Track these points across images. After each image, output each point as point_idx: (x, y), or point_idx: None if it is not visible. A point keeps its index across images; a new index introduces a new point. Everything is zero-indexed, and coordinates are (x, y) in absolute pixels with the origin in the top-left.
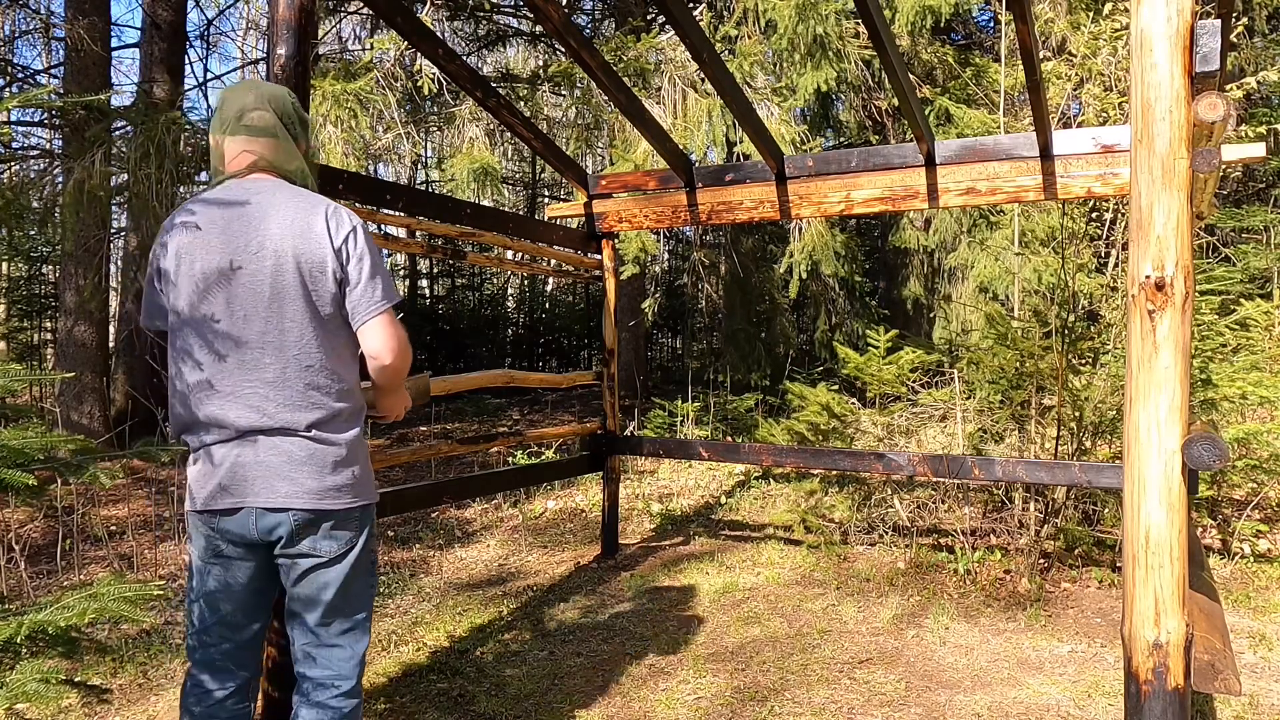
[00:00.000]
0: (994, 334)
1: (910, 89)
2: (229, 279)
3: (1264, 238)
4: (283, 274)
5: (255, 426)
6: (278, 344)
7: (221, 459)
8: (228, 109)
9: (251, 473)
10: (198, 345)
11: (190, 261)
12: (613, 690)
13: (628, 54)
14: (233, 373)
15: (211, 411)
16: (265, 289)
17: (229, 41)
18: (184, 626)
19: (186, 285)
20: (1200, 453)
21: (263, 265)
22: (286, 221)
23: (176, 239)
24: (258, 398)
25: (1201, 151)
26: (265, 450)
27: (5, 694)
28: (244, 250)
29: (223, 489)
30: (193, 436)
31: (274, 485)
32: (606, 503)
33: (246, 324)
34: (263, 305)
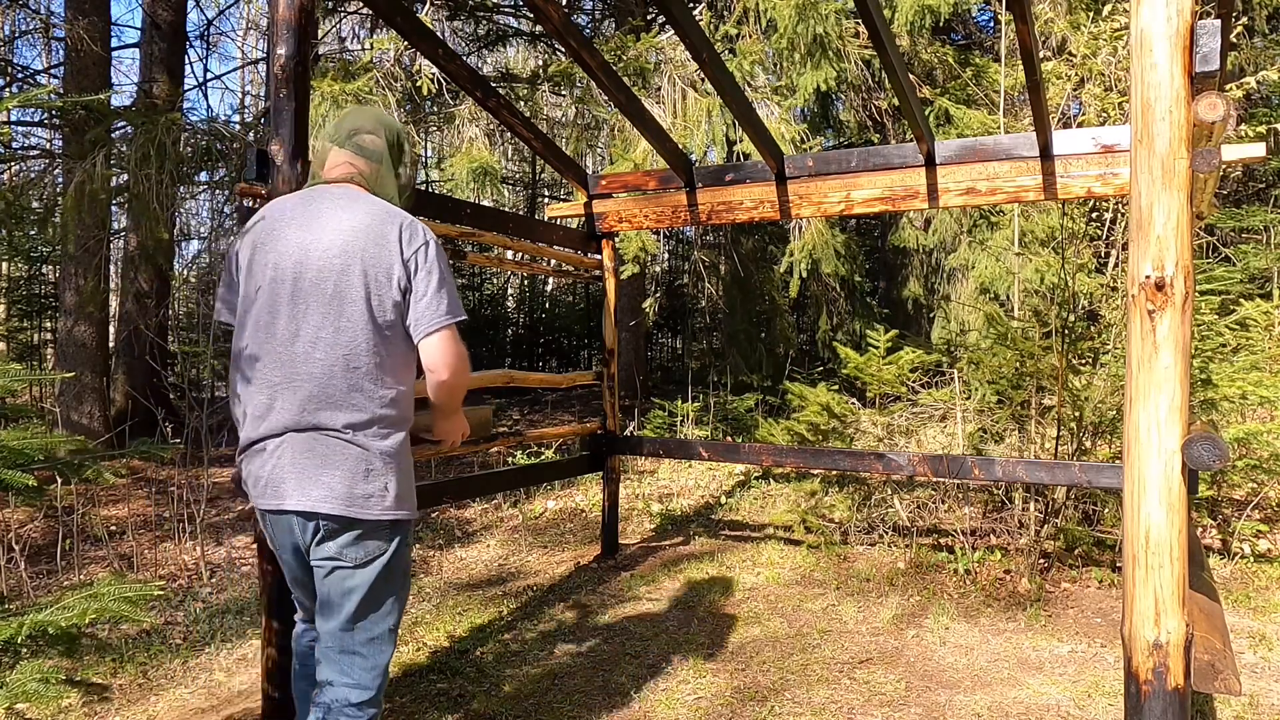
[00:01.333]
0: (994, 334)
1: (910, 89)
2: (297, 273)
3: (1264, 238)
4: (348, 275)
5: (294, 423)
6: (330, 341)
7: (266, 457)
8: (345, 125)
9: (287, 473)
10: (257, 335)
11: (265, 251)
12: (613, 690)
13: (627, 54)
14: (283, 365)
15: (261, 403)
16: (329, 287)
17: (229, 41)
18: (197, 621)
19: (258, 274)
20: (1200, 453)
21: (330, 264)
22: (361, 226)
23: (257, 231)
24: (302, 392)
25: (1201, 151)
26: (300, 448)
27: (6, 694)
28: (316, 246)
29: (267, 487)
30: (242, 430)
31: (306, 489)
32: (606, 503)
33: (304, 318)
34: (323, 302)
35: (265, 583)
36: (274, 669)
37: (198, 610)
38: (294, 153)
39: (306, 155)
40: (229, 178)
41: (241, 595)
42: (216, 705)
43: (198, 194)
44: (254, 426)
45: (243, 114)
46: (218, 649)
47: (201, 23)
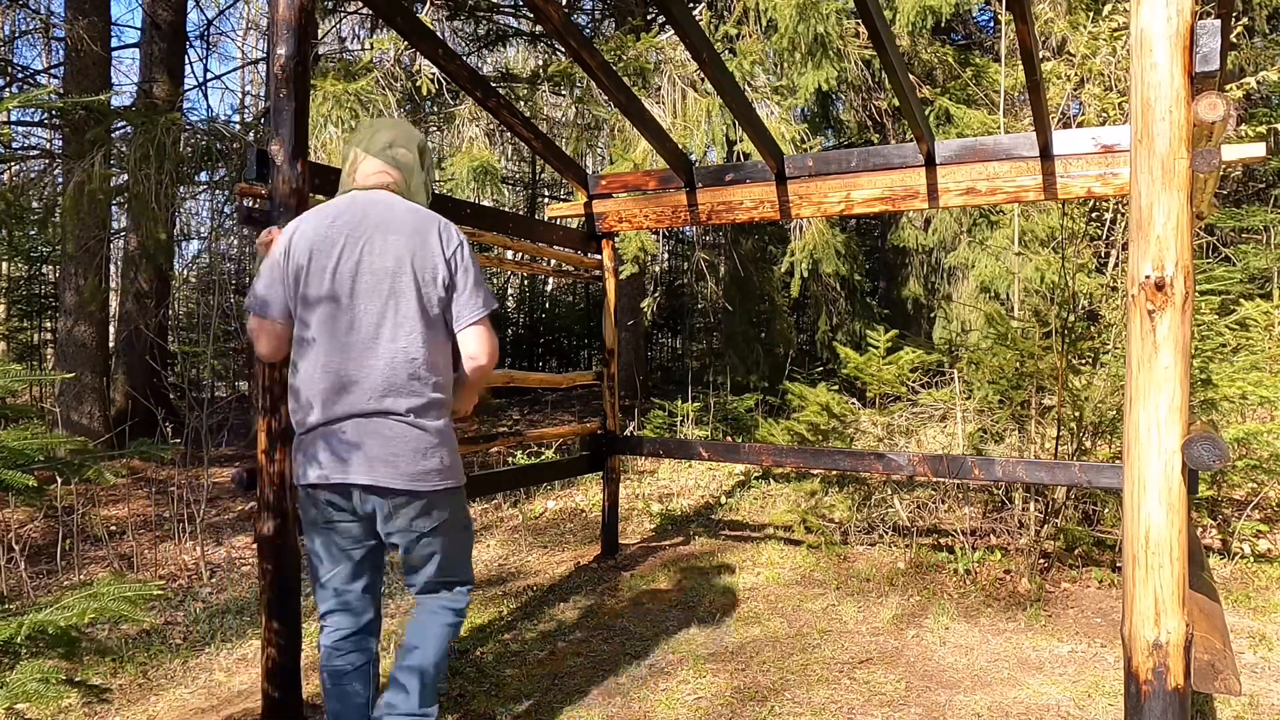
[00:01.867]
0: (994, 334)
1: (910, 89)
2: (355, 275)
3: (1264, 238)
4: (401, 275)
5: (362, 409)
6: (390, 336)
7: (330, 438)
8: (379, 137)
9: (355, 453)
10: (323, 332)
11: (322, 256)
12: (613, 690)
13: (627, 53)
14: (349, 359)
15: (327, 394)
16: (385, 287)
17: (229, 41)
18: (197, 621)
19: (319, 278)
20: (1200, 453)
21: (385, 265)
22: (407, 229)
23: (310, 235)
24: (368, 384)
25: (1201, 151)
26: (369, 432)
27: (5, 694)
28: (370, 250)
29: (334, 463)
30: (306, 416)
31: (375, 467)
32: (606, 503)
33: (365, 316)
34: (381, 301)
35: (265, 583)
36: (274, 669)
37: (198, 610)
38: (294, 153)
39: (307, 155)
40: (229, 178)
41: (241, 595)
42: (216, 705)
43: (198, 194)
44: (325, 411)
45: (243, 114)
46: (218, 649)
47: (201, 23)
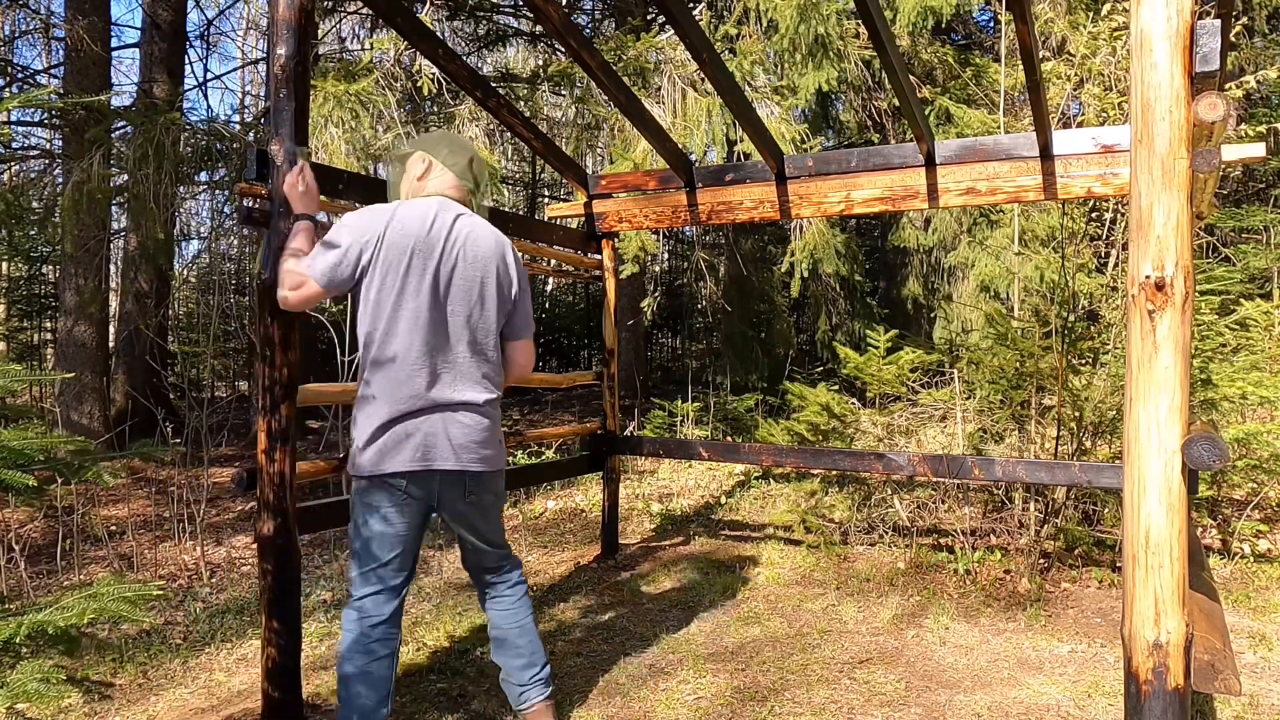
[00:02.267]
0: (994, 334)
1: (910, 89)
2: (449, 280)
3: (1264, 238)
4: (487, 285)
5: (448, 400)
6: (472, 338)
7: (415, 428)
8: (460, 156)
9: (441, 440)
10: (414, 326)
11: (424, 256)
12: (613, 690)
13: (627, 53)
14: (437, 355)
15: (414, 386)
16: (475, 294)
17: (229, 41)
18: (197, 621)
19: (419, 276)
20: (1200, 453)
21: (474, 275)
22: (492, 245)
23: (412, 233)
24: (449, 377)
25: (1201, 151)
26: (453, 421)
27: (6, 693)
28: (463, 259)
29: (418, 451)
30: (393, 406)
31: (459, 453)
32: (606, 503)
33: (455, 318)
34: (469, 305)
35: (265, 583)
36: (274, 669)
37: (198, 610)
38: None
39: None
40: (229, 178)
41: (241, 595)
42: (216, 705)
43: (198, 194)
44: (412, 402)
45: (243, 114)
46: (218, 649)
47: (201, 23)
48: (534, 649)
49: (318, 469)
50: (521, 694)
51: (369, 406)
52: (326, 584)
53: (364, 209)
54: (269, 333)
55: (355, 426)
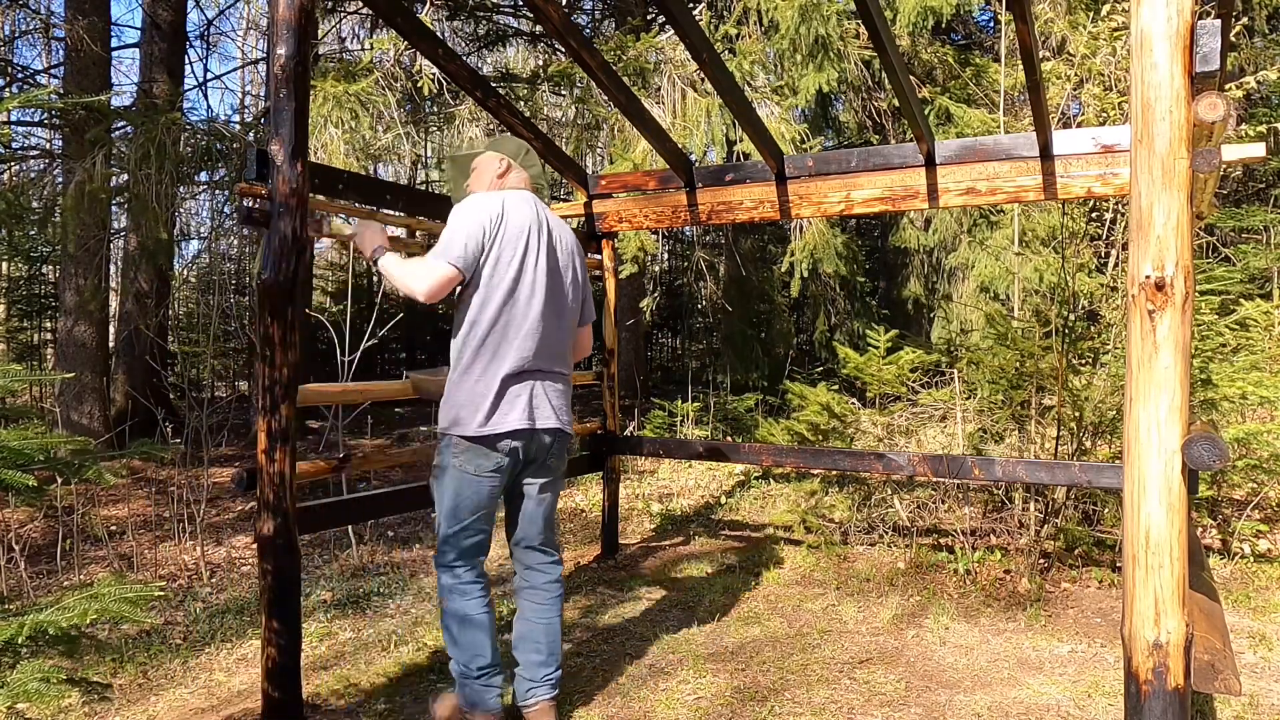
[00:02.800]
0: (994, 334)
1: (910, 89)
2: (549, 266)
3: (1264, 238)
4: (569, 272)
5: (544, 368)
6: (558, 315)
7: (524, 389)
8: (530, 157)
9: (542, 402)
10: (517, 303)
11: (535, 239)
12: (613, 690)
13: (627, 53)
14: (535, 329)
15: (518, 354)
16: (565, 280)
17: (229, 41)
18: (197, 621)
19: (533, 255)
20: (1200, 453)
21: (563, 261)
22: (570, 238)
23: (524, 222)
24: (547, 350)
25: (1201, 151)
26: (550, 387)
27: (6, 694)
28: (556, 246)
29: (523, 414)
30: (498, 369)
31: (556, 415)
32: (606, 503)
33: (553, 299)
34: (563, 286)
35: (265, 583)
36: (274, 669)
37: (198, 610)
38: (294, 152)
39: (306, 155)
40: (229, 178)
41: (241, 595)
42: (216, 705)
43: (198, 194)
44: (522, 364)
45: (243, 114)
46: (218, 649)
47: (201, 23)
48: (554, 649)
49: (318, 469)
50: (530, 690)
51: (478, 371)
52: (326, 584)
53: (469, 201)
54: (269, 333)
55: (458, 392)
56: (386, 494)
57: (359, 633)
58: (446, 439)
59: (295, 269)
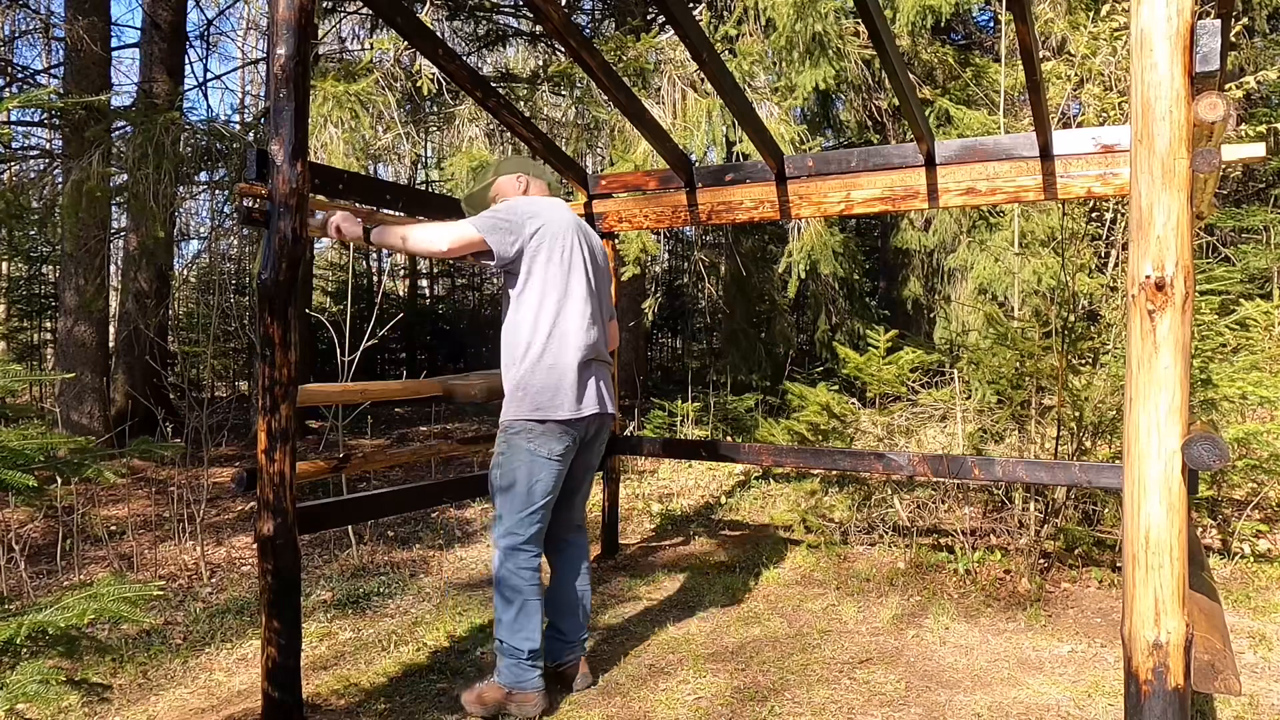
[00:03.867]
0: (994, 334)
1: (910, 89)
2: (585, 264)
3: (1264, 238)
4: (601, 268)
5: (601, 355)
6: (601, 310)
7: (589, 377)
8: (543, 166)
9: (604, 388)
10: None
11: (577, 240)
12: (613, 690)
13: (627, 54)
14: (585, 321)
15: (587, 343)
16: (603, 274)
17: (229, 41)
18: (197, 621)
19: (579, 254)
20: (1200, 453)
21: (599, 258)
22: (596, 236)
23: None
24: (599, 339)
25: (1201, 151)
26: (605, 374)
27: (6, 694)
28: (589, 246)
29: (594, 400)
30: (575, 357)
31: (606, 400)
32: (606, 503)
33: (596, 291)
34: (601, 282)
35: (265, 583)
36: (274, 669)
37: (198, 610)
38: (294, 152)
39: (306, 155)
40: (229, 178)
41: (241, 595)
42: (216, 705)
43: (197, 194)
44: (589, 352)
45: (243, 114)
46: (218, 649)
47: (201, 23)
48: (588, 612)
49: (318, 469)
50: (571, 650)
51: (550, 359)
52: (326, 584)
53: (506, 205)
54: (269, 333)
55: (532, 380)
56: (386, 494)
57: (359, 633)
58: (519, 425)
59: (295, 269)
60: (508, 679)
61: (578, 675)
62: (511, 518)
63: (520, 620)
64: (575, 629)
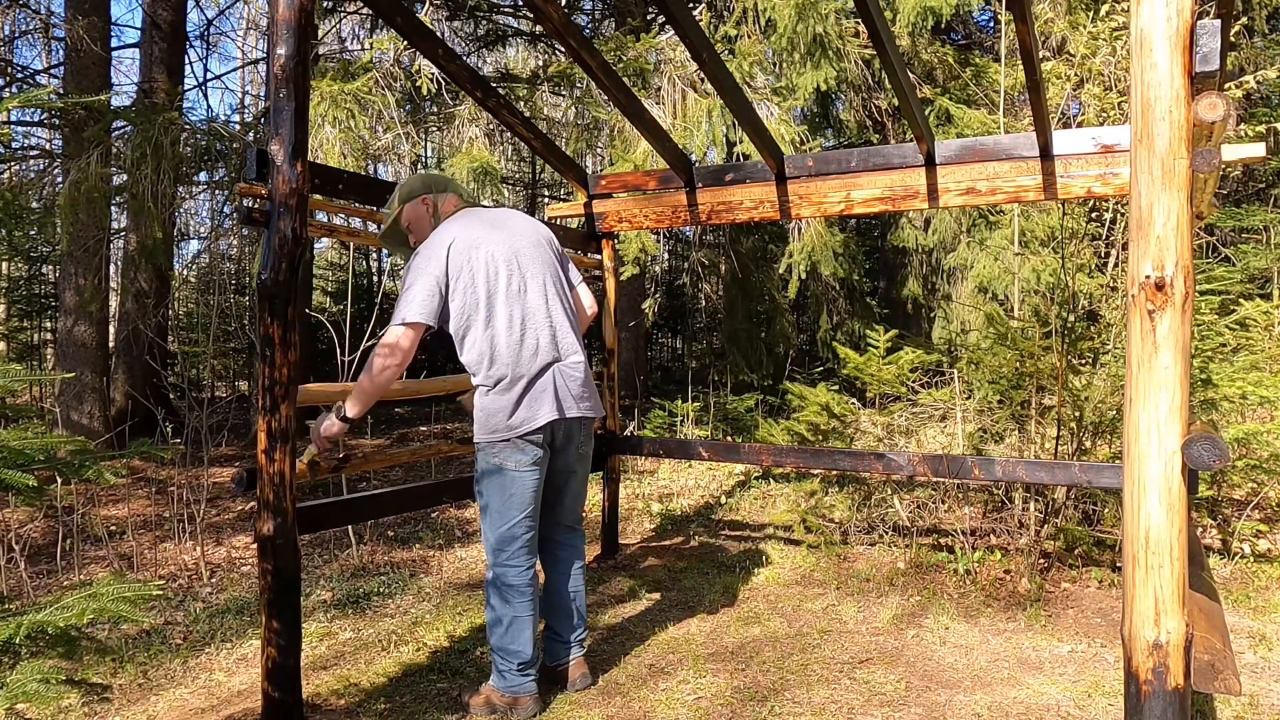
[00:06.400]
0: (994, 334)
1: (910, 89)
2: (518, 256)
3: (1264, 238)
4: (540, 248)
5: (559, 354)
6: (549, 298)
7: (544, 385)
8: (442, 178)
9: (565, 393)
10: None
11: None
12: (613, 690)
13: (627, 54)
14: (533, 324)
15: (531, 352)
16: (538, 257)
17: (229, 41)
18: (197, 621)
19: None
20: (1200, 453)
21: (533, 241)
22: (521, 217)
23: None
24: (550, 337)
25: (1201, 151)
26: (569, 374)
27: (6, 694)
28: (519, 235)
29: (551, 408)
30: (512, 376)
31: (574, 403)
32: (606, 503)
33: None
34: (540, 265)
35: (265, 583)
36: (274, 669)
37: (198, 610)
38: (294, 153)
39: (306, 155)
40: (229, 178)
41: (241, 595)
42: (216, 705)
43: (197, 194)
44: (533, 376)
45: (243, 114)
46: (218, 649)
47: (201, 23)
48: (582, 613)
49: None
50: (568, 650)
51: (497, 381)
52: (326, 584)
53: (417, 254)
54: (269, 333)
55: (487, 402)
56: (386, 494)
57: (359, 633)
58: (483, 444)
59: (295, 269)
60: (501, 684)
61: (576, 675)
62: (495, 533)
63: (512, 632)
64: (570, 629)
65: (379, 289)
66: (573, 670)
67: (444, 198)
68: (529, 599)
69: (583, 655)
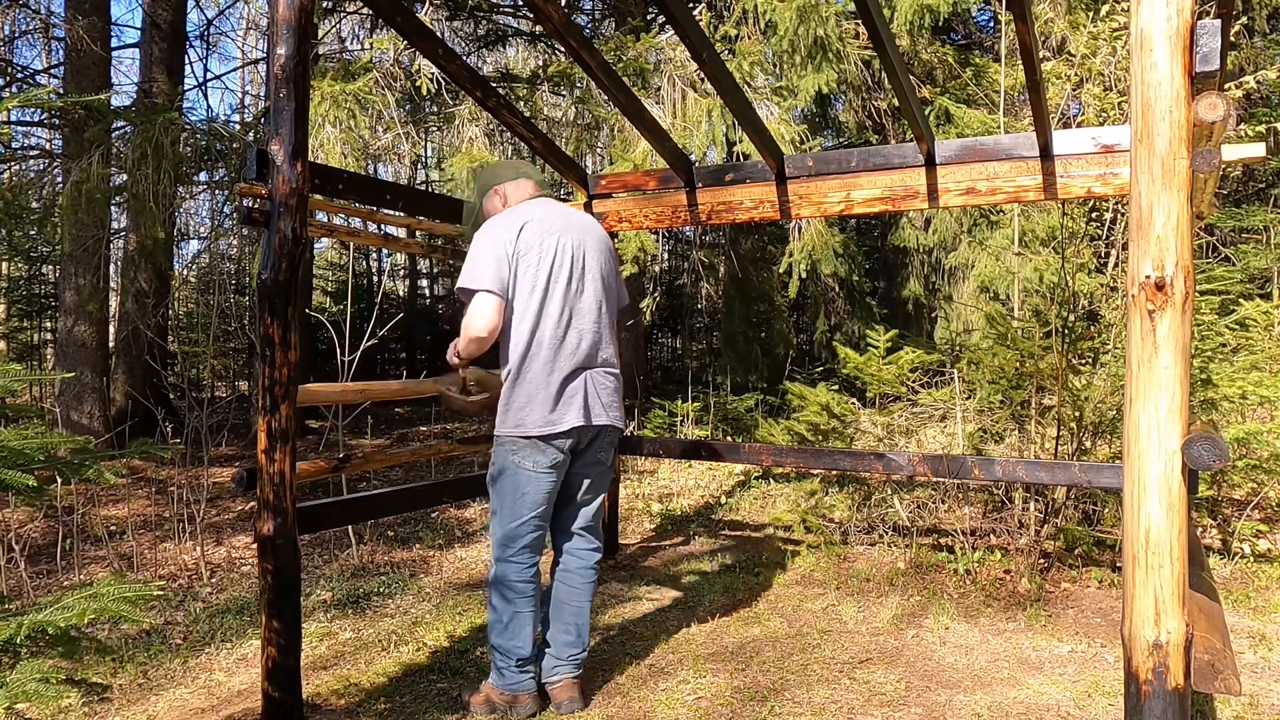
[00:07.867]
0: (994, 334)
1: (910, 89)
2: (579, 260)
3: (1264, 238)
4: (600, 258)
5: (593, 362)
6: (597, 309)
7: (575, 389)
8: (523, 165)
9: (594, 400)
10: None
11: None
12: (613, 690)
13: (627, 54)
14: (577, 327)
15: (569, 353)
16: (597, 268)
17: (229, 41)
18: (197, 621)
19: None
20: (1200, 453)
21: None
22: (593, 225)
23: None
24: (591, 343)
25: (1201, 151)
26: (601, 383)
27: (6, 694)
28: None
29: (579, 413)
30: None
31: (603, 411)
32: (606, 503)
33: (589, 290)
34: (597, 276)
35: (265, 582)
36: (274, 669)
37: (198, 610)
38: (294, 152)
39: (306, 155)
40: (229, 178)
41: (241, 595)
42: (216, 705)
43: (197, 194)
44: (567, 377)
45: (243, 114)
46: (218, 649)
47: (201, 23)
48: (582, 631)
49: (318, 469)
50: (555, 666)
51: (530, 375)
52: (326, 584)
53: (485, 225)
54: (269, 333)
55: (515, 396)
56: (386, 494)
57: (359, 633)
58: (505, 439)
59: (295, 269)
60: (500, 682)
61: (564, 698)
62: (503, 528)
63: (512, 628)
64: (561, 645)
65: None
66: (561, 692)
67: (517, 184)
68: (529, 597)
69: (575, 677)
